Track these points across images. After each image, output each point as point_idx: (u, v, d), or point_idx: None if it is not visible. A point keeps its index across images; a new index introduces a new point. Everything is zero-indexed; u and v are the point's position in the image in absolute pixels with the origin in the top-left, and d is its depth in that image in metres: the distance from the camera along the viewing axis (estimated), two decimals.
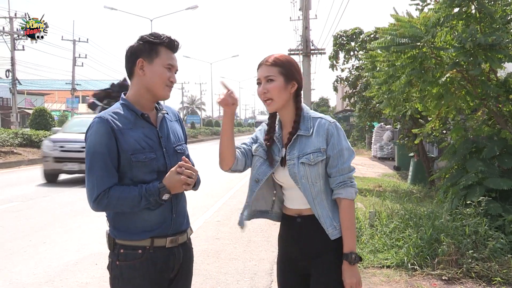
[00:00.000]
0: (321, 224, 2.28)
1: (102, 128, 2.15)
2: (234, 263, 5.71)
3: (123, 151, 2.16)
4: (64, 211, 8.73)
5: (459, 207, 5.78)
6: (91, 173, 2.16)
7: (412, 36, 5.80)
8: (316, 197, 2.29)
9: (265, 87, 2.31)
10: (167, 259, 2.27)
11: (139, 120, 2.26)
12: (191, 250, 2.47)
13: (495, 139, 6.34)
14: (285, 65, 2.32)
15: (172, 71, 2.31)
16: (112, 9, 37.54)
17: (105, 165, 2.14)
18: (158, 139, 2.28)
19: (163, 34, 2.29)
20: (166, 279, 2.30)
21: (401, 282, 4.84)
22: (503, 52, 5.61)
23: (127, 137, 2.18)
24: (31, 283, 5.01)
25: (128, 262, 2.22)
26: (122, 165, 2.18)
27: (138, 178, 2.20)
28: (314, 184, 2.28)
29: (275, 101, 2.31)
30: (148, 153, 2.21)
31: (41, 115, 27.17)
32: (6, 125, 35.43)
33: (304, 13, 18.63)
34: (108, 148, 2.14)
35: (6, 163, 17.56)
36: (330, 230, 2.28)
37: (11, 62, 30.03)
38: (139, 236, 2.22)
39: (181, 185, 2.16)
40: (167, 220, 2.27)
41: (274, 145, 2.39)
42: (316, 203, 2.29)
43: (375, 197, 9.39)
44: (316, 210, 2.29)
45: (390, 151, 22.48)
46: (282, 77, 2.31)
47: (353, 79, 14.75)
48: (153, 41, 2.26)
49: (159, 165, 2.24)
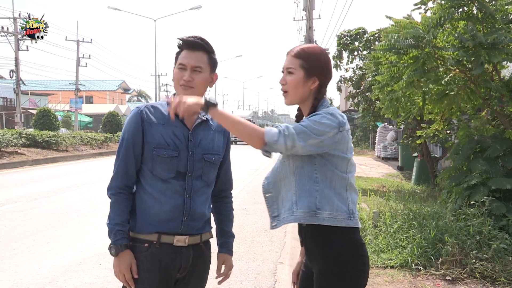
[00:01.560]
0: (270, 207, 2.25)
1: (134, 117, 2.29)
2: (238, 263, 5.70)
3: (147, 143, 2.27)
4: (68, 211, 8.75)
5: (463, 207, 5.76)
6: (117, 156, 2.34)
7: (414, 37, 5.79)
8: (284, 179, 2.20)
9: (284, 78, 2.23)
10: (174, 257, 2.27)
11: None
12: (206, 255, 2.42)
13: (499, 139, 6.32)
14: (309, 59, 2.20)
15: (186, 69, 2.27)
16: (115, 9, 37.70)
17: (127, 154, 2.29)
18: (186, 141, 2.30)
19: (185, 37, 2.31)
20: (173, 278, 2.30)
21: (405, 282, 4.83)
22: (505, 51, 5.60)
23: (154, 130, 2.27)
24: (35, 283, 5.02)
25: (134, 255, 2.25)
26: (145, 155, 2.29)
27: (157, 171, 2.28)
28: (283, 164, 2.21)
29: (289, 95, 2.23)
30: (171, 150, 2.26)
31: (45, 116, 27.33)
32: (10, 125, 35.53)
33: (307, 13, 18.63)
34: (134, 137, 2.28)
35: (10, 163, 17.61)
36: (276, 212, 2.24)
37: (15, 63, 30.15)
38: (145, 229, 2.26)
39: (118, 275, 2.26)
40: (176, 220, 2.27)
41: None
42: (282, 186, 2.21)
43: (378, 197, 9.39)
44: (277, 193, 2.23)
45: (393, 151, 22.43)
46: (303, 71, 2.19)
47: (357, 79, 14.74)
48: (179, 48, 2.33)
49: (179, 165, 2.28)
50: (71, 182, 13.14)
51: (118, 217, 2.25)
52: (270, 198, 2.26)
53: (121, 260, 2.22)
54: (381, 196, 9.69)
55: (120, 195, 2.28)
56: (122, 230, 2.24)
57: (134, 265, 2.23)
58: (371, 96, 9.42)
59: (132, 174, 2.30)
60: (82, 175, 14.64)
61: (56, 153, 21.39)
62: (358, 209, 7.55)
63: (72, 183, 12.79)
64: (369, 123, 16.01)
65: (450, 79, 6.12)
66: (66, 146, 23.07)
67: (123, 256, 2.23)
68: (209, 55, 2.33)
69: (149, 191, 2.28)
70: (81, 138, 25.03)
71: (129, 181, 2.30)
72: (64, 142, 22.80)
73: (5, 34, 29.69)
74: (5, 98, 41.89)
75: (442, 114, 7.46)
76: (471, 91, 6.51)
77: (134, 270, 2.23)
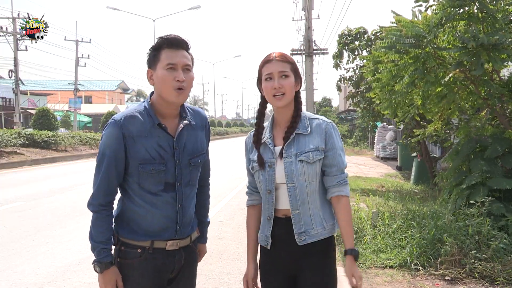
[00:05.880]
0: (311, 223, 2.28)
1: (114, 132, 2.15)
2: (237, 263, 5.71)
3: (132, 159, 2.16)
4: (67, 211, 8.75)
5: (462, 207, 5.76)
6: (97, 171, 2.22)
7: (415, 36, 5.79)
8: (311, 196, 2.28)
9: (280, 82, 2.26)
10: (166, 260, 2.26)
11: (155, 129, 2.19)
12: (194, 252, 2.44)
13: (499, 139, 6.32)
14: (294, 63, 2.34)
15: (177, 69, 2.14)
16: (114, 9, 37.71)
17: (108, 170, 2.18)
18: (172, 150, 2.22)
19: (165, 35, 2.20)
20: (165, 279, 2.30)
21: (404, 282, 4.83)
22: (506, 52, 5.59)
23: (138, 145, 2.16)
24: (34, 283, 5.01)
25: (127, 261, 2.23)
26: (130, 171, 2.19)
27: (145, 185, 2.20)
28: (311, 183, 2.27)
29: (286, 97, 2.28)
30: (157, 164, 2.17)
31: (44, 115, 27.34)
32: (9, 125, 35.48)
33: (306, 13, 18.61)
34: (115, 154, 2.16)
35: (9, 163, 17.59)
36: (319, 229, 2.29)
37: (14, 63, 30.07)
38: (140, 237, 2.23)
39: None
40: (170, 229, 2.25)
41: (265, 149, 2.36)
42: (310, 202, 2.28)
43: (377, 197, 9.38)
44: (308, 209, 2.28)
45: (392, 151, 22.42)
46: (293, 74, 2.31)
47: (356, 79, 14.73)
48: (154, 47, 2.19)
49: (167, 177, 2.21)
50: (70, 182, 13.14)
51: (101, 235, 2.20)
52: (297, 215, 2.28)
53: (106, 277, 2.20)
54: (380, 196, 9.68)
55: (102, 212, 2.21)
56: (106, 248, 2.20)
57: (120, 281, 2.22)
58: (369, 95, 9.41)
59: (114, 190, 2.24)
60: (81, 175, 14.63)
61: (55, 153, 21.39)
62: (357, 209, 7.52)
63: (71, 183, 12.78)
64: (368, 123, 15.99)
65: (450, 80, 6.11)
66: (65, 146, 23.08)
67: (108, 274, 2.20)
68: (189, 52, 2.24)
69: (139, 202, 2.21)
70: (80, 138, 25.04)
71: (111, 197, 2.24)
72: (63, 142, 22.80)
73: (4, 34, 29.63)
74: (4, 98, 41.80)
75: (440, 114, 7.45)
76: (471, 91, 6.50)
77: (120, 285, 2.22)
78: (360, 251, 5.72)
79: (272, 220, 2.34)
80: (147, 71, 2.23)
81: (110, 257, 2.21)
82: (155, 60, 2.18)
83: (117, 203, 2.32)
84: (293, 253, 2.31)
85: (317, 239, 2.28)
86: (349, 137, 36.61)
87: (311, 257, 2.29)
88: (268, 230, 2.36)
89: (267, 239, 2.37)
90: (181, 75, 2.15)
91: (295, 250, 2.30)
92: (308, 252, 2.29)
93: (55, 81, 59.61)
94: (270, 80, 2.28)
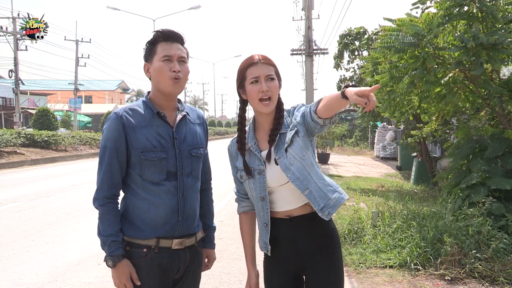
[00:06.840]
0: (325, 195, 2.26)
1: (114, 123, 2.21)
2: (237, 263, 5.71)
3: (133, 148, 2.21)
4: (67, 211, 8.75)
5: (462, 207, 5.76)
6: (100, 166, 2.25)
7: (414, 35, 5.79)
8: (311, 170, 2.25)
9: (268, 85, 2.24)
10: (172, 260, 2.27)
11: (155, 118, 2.26)
12: (199, 253, 2.44)
13: (498, 139, 6.33)
14: (276, 66, 2.31)
15: (173, 60, 2.22)
16: (115, 9, 37.70)
17: (111, 162, 2.21)
18: (172, 139, 2.26)
19: (160, 29, 2.27)
20: (170, 279, 2.30)
21: (404, 282, 4.83)
22: (506, 52, 5.60)
23: (138, 134, 2.21)
24: (34, 283, 5.01)
25: (133, 260, 2.23)
26: (132, 161, 2.22)
27: (147, 175, 2.22)
28: (303, 158, 2.24)
29: (272, 101, 2.26)
30: (158, 152, 2.22)
31: (44, 115, 27.37)
32: (9, 125, 35.50)
33: (306, 13, 18.61)
34: (117, 144, 2.20)
35: (9, 163, 17.59)
36: (335, 196, 2.28)
37: (14, 62, 30.08)
38: (145, 234, 2.23)
39: (118, 286, 2.21)
40: (171, 221, 2.25)
41: (251, 155, 2.33)
42: (313, 175, 2.25)
43: (378, 197, 9.38)
44: (315, 183, 2.25)
45: (392, 151, 22.44)
46: (277, 77, 2.29)
47: (357, 79, 14.75)
48: (150, 41, 2.26)
49: (169, 165, 2.24)
50: (70, 182, 13.14)
51: (110, 228, 2.21)
52: (309, 193, 2.25)
53: (119, 271, 2.19)
54: (380, 196, 9.68)
55: (109, 205, 2.23)
56: (116, 240, 2.20)
57: (134, 273, 2.20)
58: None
59: (118, 182, 2.25)
60: (81, 175, 14.63)
61: (55, 153, 21.39)
62: (357, 209, 7.53)
63: (71, 183, 12.78)
64: (368, 123, 16.00)
65: (450, 80, 6.12)
66: (65, 146, 23.07)
67: (121, 267, 2.19)
68: (184, 46, 2.31)
69: (142, 195, 2.23)
70: (80, 138, 25.03)
71: (116, 190, 2.26)
72: (63, 142, 22.80)
73: (4, 34, 29.64)
74: (4, 98, 41.78)
75: (438, 114, 7.45)
76: (471, 91, 6.51)
77: (134, 278, 2.20)
78: (360, 251, 5.73)
79: (270, 226, 2.32)
80: (144, 65, 2.30)
81: (121, 250, 2.20)
82: (152, 54, 2.26)
83: (120, 203, 2.33)
84: (300, 252, 2.30)
85: (339, 206, 2.28)
86: (349, 137, 36.57)
87: (319, 254, 2.28)
88: (266, 237, 2.35)
89: (267, 246, 2.36)
90: (177, 66, 2.22)
91: (302, 249, 2.29)
92: (315, 250, 2.28)
93: (55, 81, 59.63)
94: (257, 83, 2.25)
